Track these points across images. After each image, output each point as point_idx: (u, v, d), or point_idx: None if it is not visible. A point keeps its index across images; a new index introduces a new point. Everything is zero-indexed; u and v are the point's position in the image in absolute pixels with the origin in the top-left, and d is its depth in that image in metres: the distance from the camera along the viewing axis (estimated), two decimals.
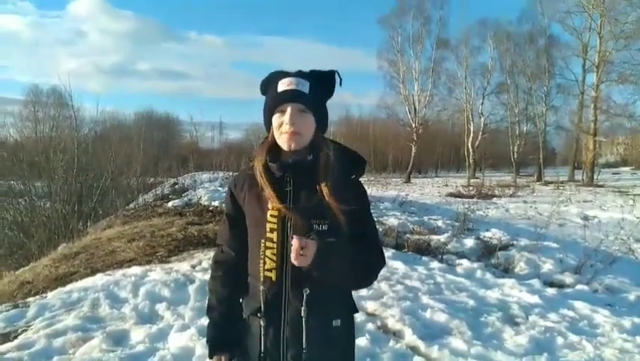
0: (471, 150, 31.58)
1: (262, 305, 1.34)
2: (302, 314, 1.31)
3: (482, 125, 31.76)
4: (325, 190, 1.30)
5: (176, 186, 12.43)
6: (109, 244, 6.34)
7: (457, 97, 32.97)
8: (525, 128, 30.87)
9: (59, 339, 3.32)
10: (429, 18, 30.87)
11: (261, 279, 1.35)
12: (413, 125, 31.36)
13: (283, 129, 1.32)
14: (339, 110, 41.03)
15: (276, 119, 1.35)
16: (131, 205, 10.63)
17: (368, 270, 1.39)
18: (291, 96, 1.31)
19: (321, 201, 1.30)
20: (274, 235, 1.33)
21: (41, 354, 3.13)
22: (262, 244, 1.35)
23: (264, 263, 1.34)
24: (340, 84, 1.41)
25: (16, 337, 3.47)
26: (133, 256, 5.59)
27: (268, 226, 1.33)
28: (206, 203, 8.83)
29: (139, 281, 4.50)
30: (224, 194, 9.75)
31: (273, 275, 1.34)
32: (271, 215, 1.33)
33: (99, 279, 4.69)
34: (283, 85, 1.33)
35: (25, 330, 3.58)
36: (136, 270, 4.90)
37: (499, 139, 35.35)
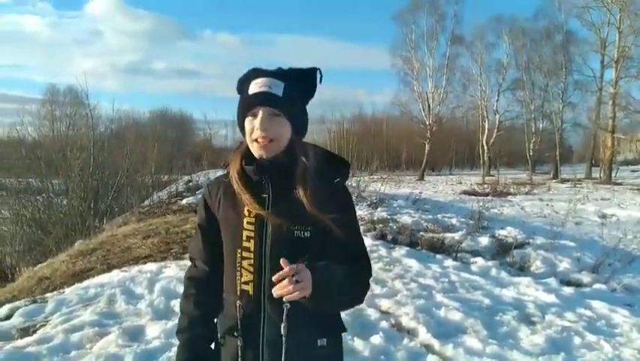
0: (486, 147, 31.24)
1: (238, 322, 1.22)
2: (282, 332, 1.17)
3: (497, 123, 31.39)
4: (305, 197, 1.19)
5: (190, 184, 12.55)
6: (124, 240, 6.43)
7: (471, 94, 32.62)
8: (541, 126, 30.40)
9: (77, 334, 3.37)
10: (443, 14, 30.53)
11: (238, 293, 1.23)
12: (427, 123, 31.11)
13: (254, 135, 1.21)
14: (352, 108, 40.91)
15: (247, 123, 1.23)
16: (146, 202, 10.76)
17: (362, 289, 1.29)
18: (262, 99, 1.20)
19: (301, 207, 1.19)
20: (251, 244, 1.21)
21: (59, 349, 3.18)
22: (238, 254, 1.23)
23: (240, 275, 1.22)
24: (320, 81, 1.29)
25: (35, 331, 3.54)
26: (148, 253, 5.66)
27: (245, 233, 1.22)
28: None
29: (154, 277, 4.55)
30: None
31: (250, 288, 1.22)
32: (248, 222, 1.22)
33: (115, 275, 4.76)
34: (255, 86, 1.21)
35: (44, 325, 3.64)
36: (151, 266, 4.96)
37: (515, 136, 34.87)
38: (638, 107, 24.17)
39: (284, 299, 1.10)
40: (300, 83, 1.26)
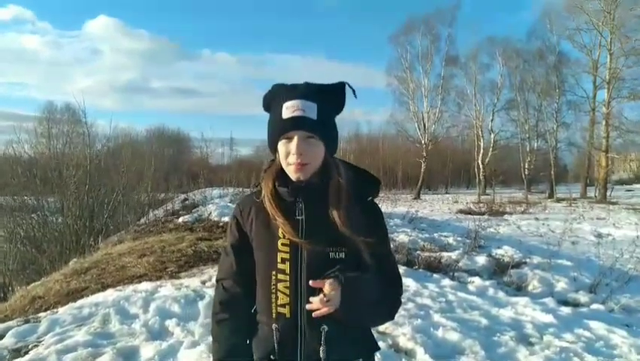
0: (481, 166, 31.43)
1: (276, 346, 1.22)
2: (321, 355, 1.18)
3: (492, 142, 31.66)
4: (339, 218, 1.19)
5: (187, 202, 12.49)
6: (119, 259, 6.37)
7: (466, 113, 32.97)
8: (536, 145, 30.68)
9: (70, 355, 3.32)
10: (437, 35, 31.11)
11: (274, 316, 1.22)
12: (423, 142, 31.35)
13: (290, 160, 1.21)
14: (349, 127, 41.17)
15: (281, 146, 1.22)
16: (142, 221, 10.70)
17: (393, 304, 1.29)
18: (297, 124, 1.18)
19: (335, 228, 1.18)
20: (286, 266, 1.20)
21: None
22: (273, 277, 1.21)
23: (276, 298, 1.21)
24: (355, 95, 1.29)
25: (27, 352, 3.48)
26: (143, 272, 5.61)
27: (279, 256, 1.21)
28: (216, 219, 8.86)
29: (149, 297, 4.50)
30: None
31: (287, 311, 1.20)
32: (282, 243, 1.21)
33: (110, 294, 4.70)
34: (288, 111, 1.19)
35: (37, 345, 3.59)
36: (146, 285, 4.91)
37: (510, 155, 35.13)
38: (631, 127, 24.49)
39: (312, 315, 1.12)
40: (330, 102, 1.26)
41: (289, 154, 1.21)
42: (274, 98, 1.26)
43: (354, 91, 1.29)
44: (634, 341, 3.81)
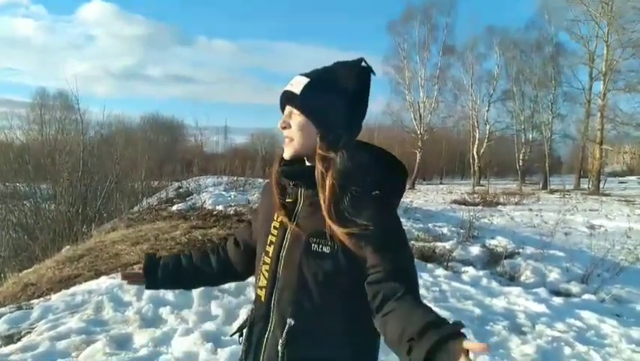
0: (476, 157, 31.50)
1: (248, 325, 1.23)
2: (279, 348, 1.11)
3: (487, 133, 31.71)
4: (324, 210, 1.08)
5: (181, 190, 12.45)
6: (113, 246, 6.34)
7: (462, 104, 32.98)
8: (531, 136, 30.77)
9: (63, 342, 3.31)
10: (435, 25, 30.94)
11: (254, 296, 1.22)
12: (418, 132, 31.34)
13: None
14: None
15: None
16: (136, 208, 10.65)
17: None
18: (281, 98, 1.19)
19: (323, 219, 1.09)
20: (271, 249, 1.17)
21: (45, 357, 3.12)
22: (262, 258, 1.20)
23: (258, 279, 1.20)
24: (373, 72, 1.20)
25: (19, 339, 3.47)
26: (137, 260, 5.57)
27: (269, 238, 1.19)
28: (210, 207, 8.83)
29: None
30: (228, 198, 9.78)
31: (263, 294, 1.17)
32: (274, 226, 1.19)
33: (103, 282, 4.68)
34: (288, 84, 1.19)
35: (29, 332, 3.57)
36: None
37: (505, 146, 35.22)
38: (626, 119, 24.56)
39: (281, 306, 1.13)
40: (332, 79, 1.16)
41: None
42: None
43: (370, 68, 1.19)
44: (624, 331, 3.86)
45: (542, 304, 4.43)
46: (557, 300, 4.75)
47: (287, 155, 1.18)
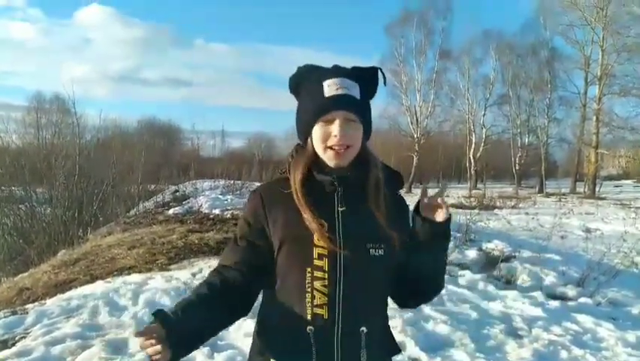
0: (472, 161, 31.59)
1: (314, 351, 1.08)
2: (361, 360, 1.10)
3: (484, 137, 31.80)
4: (379, 212, 1.12)
5: (177, 194, 12.41)
6: (109, 251, 6.32)
7: (459, 108, 33.08)
8: (527, 140, 30.91)
9: (58, 347, 3.29)
10: (432, 29, 31.10)
11: (309, 317, 1.08)
12: (415, 136, 31.44)
13: (330, 142, 1.10)
14: None
15: (319, 129, 1.12)
16: (132, 212, 10.61)
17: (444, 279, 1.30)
18: (343, 103, 1.10)
19: (375, 223, 1.11)
20: (324, 263, 1.08)
21: None
22: (308, 274, 1.08)
23: (312, 297, 1.08)
24: (385, 83, 1.19)
25: (14, 344, 3.44)
26: (133, 264, 5.57)
27: (316, 251, 1.08)
28: (206, 211, 8.81)
29: (139, 289, 4.47)
30: (225, 202, 9.75)
31: (324, 312, 1.08)
32: (317, 239, 1.09)
33: (99, 286, 4.67)
34: (331, 88, 1.11)
35: (24, 337, 3.55)
36: (136, 277, 4.88)
37: (501, 150, 35.35)
38: (621, 123, 24.70)
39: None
40: (368, 85, 1.17)
41: (328, 137, 1.11)
42: (306, 77, 1.17)
43: (384, 77, 1.20)
44: (620, 335, 3.86)
45: (539, 308, 4.44)
46: (554, 303, 4.75)
47: (345, 161, 1.13)
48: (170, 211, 9.24)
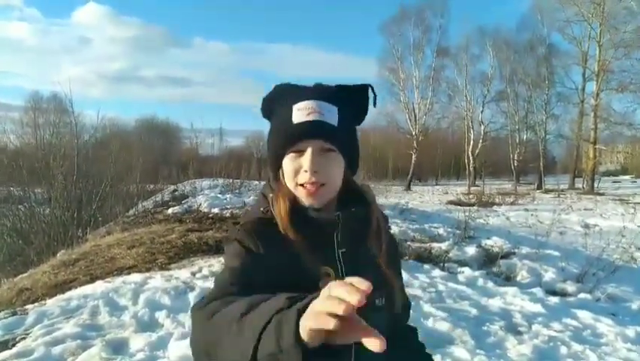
0: (471, 157, 31.62)
1: None
2: None
3: (482, 133, 31.85)
4: (382, 258, 0.99)
5: (176, 193, 12.42)
6: (108, 250, 6.31)
7: (457, 105, 33.17)
8: (525, 137, 30.97)
9: (58, 347, 3.28)
10: (429, 26, 31.13)
11: None
12: (413, 133, 31.45)
13: (300, 179, 0.92)
14: None
15: (289, 161, 0.93)
16: (131, 212, 10.61)
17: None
18: (313, 130, 0.91)
19: (377, 269, 0.98)
20: None
21: None
22: None
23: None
24: (374, 104, 1.02)
25: (14, 345, 3.43)
26: (133, 263, 5.56)
27: None
28: (206, 210, 8.81)
29: (139, 288, 4.46)
30: (224, 201, 9.76)
31: None
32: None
33: (98, 286, 4.66)
34: (301, 113, 0.92)
35: (24, 338, 3.54)
36: (136, 277, 4.87)
37: (499, 147, 35.42)
38: (619, 119, 24.76)
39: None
40: (352, 106, 0.99)
41: (298, 171, 0.92)
42: (279, 99, 0.98)
43: (375, 98, 1.01)
44: (620, 330, 3.87)
45: (538, 304, 4.45)
46: (553, 299, 4.76)
47: (320, 202, 0.94)
48: (170, 211, 9.24)
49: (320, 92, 0.97)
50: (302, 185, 0.93)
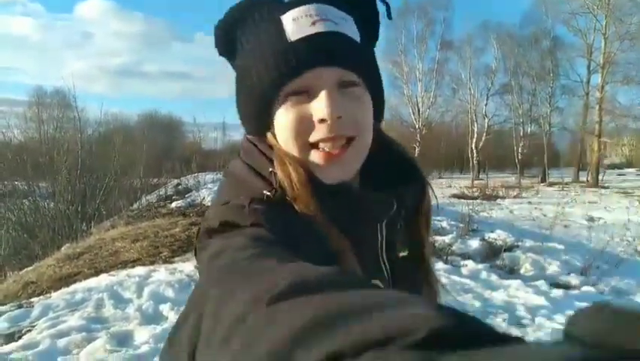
0: (475, 151, 31.53)
1: None
2: None
3: (486, 127, 31.74)
4: (423, 249, 0.72)
5: (180, 187, 12.47)
6: (112, 244, 6.35)
7: (460, 98, 33.00)
8: (529, 130, 30.80)
9: (63, 339, 3.32)
10: (433, 19, 30.88)
11: None
12: (417, 127, 31.34)
13: (314, 135, 0.59)
14: None
15: (287, 109, 0.59)
16: (135, 206, 10.66)
17: None
18: (327, 49, 0.57)
19: (417, 263, 0.72)
20: None
21: (46, 354, 3.12)
22: None
23: None
24: (389, 16, 0.70)
25: (20, 337, 3.47)
26: (137, 257, 5.59)
27: None
28: (209, 204, 8.84)
29: (143, 282, 4.49)
30: None
31: None
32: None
33: (103, 279, 4.69)
34: (300, 23, 0.57)
35: (30, 330, 3.58)
36: (140, 270, 4.90)
37: (503, 140, 35.27)
38: (624, 111, 24.59)
39: None
40: (365, 20, 0.65)
41: (307, 123, 0.59)
42: (248, 17, 0.62)
43: (389, 8, 0.69)
44: None
45: (542, 297, 4.45)
46: (557, 292, 4.76)
47: (346, 173, 0.61)
48: (173, 204, 9.29)
49: None
50: (315, 145, 0.59)
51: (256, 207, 0.55)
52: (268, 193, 0.57)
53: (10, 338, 3.48)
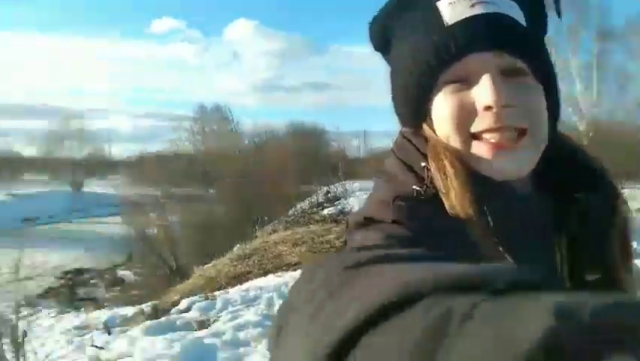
0: None
1: None
2: None
3: None
4: (623, 276, 0.56)
5: (329, 195, 13.00)
6: (275, 247, 6.94)
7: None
8: None
9: (242, 332, 3.73)
10: (586, 5, 27.25)
11: None
12: (580, 129, 27.99)
13: (478, 124, 0.52)
14: None
15: (446, 96, 0.54)
16: (291, 212, 11.45)
17: None
18: (489, 32, 0.51)
19: (609, 278, 0.56)
20: None
21: (230, 343, 3.55)
22: None
23: None
24: (560, 14, 0.61)
25: (209, 325, 4.02)
26: (297, 260, 6.03)
27: None
28: None
29: None
30: None
31: None
32: None
33: (271, 280, 5.17)
34: (458, 6, 0.53)
35: (216, 320, 4.12)
36: None
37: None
38: None
39: None
40: (532, 8, 0.57)
41: (469, 111, 0.53)
42: (404, 8, 0.59)
43: (559, 4, 0.61)
44: None
45: None
46: None
47: (518, 168, 0.53)
48: (325, 211, 9.76)
49: None
50: (478, 136, 0.53)
51: (400, 204, 0.53)
52: (418, 188, 0.53)
53: (202, 325, 4.06)
